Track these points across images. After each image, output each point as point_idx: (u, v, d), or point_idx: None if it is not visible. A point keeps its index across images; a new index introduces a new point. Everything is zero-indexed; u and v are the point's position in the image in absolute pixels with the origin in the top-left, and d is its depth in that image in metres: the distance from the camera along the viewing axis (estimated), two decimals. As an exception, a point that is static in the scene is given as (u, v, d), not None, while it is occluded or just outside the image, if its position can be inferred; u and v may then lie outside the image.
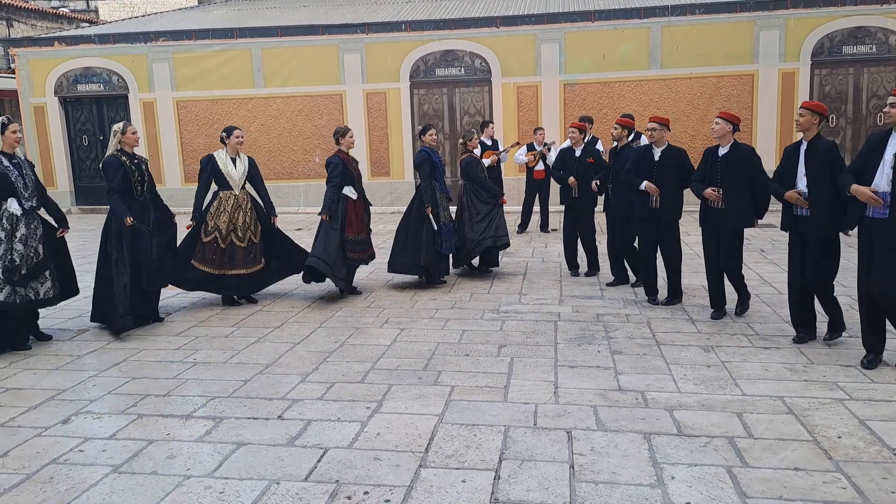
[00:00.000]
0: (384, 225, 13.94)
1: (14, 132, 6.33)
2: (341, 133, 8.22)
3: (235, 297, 8.12)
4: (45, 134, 17.30)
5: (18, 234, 6.22)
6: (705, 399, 4.96)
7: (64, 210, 17.74)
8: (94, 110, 17.30)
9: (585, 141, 9.44)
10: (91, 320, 7.19)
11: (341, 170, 8.07)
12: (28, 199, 6.34)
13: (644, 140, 9.03)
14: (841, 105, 15.07)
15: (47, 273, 6.49)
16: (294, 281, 9.08)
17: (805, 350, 5.92)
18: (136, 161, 7.11)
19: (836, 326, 6.08)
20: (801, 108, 6.02)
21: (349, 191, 8.17)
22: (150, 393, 5.34)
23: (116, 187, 6.93)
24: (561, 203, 9.28)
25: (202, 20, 18.69)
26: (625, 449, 4.23)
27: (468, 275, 9.30)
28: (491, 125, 12.52)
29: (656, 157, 7.40)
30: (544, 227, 12.77)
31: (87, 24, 22.49)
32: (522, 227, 12.86)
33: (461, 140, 9.57)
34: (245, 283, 8.03)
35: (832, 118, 15.03)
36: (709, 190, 6.70)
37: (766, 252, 10.35)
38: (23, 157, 6.52)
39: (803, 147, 5.94)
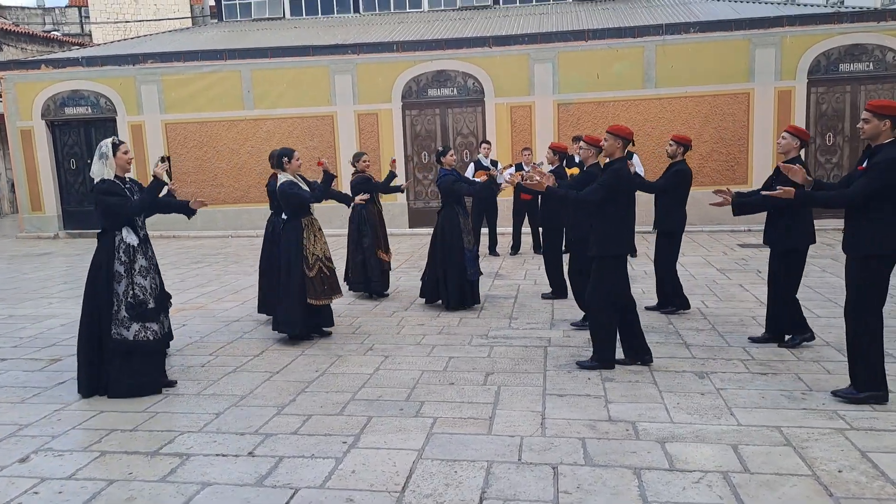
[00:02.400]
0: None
1: (126, 153, 5.73)
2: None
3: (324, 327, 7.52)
4: (32, 158, 17.12)
5: (137, 267, 5.65)
6: (699, 430, 4.71)
7: (51, 235, 17.47)
8: (81, 133, 17.13)
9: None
10: None
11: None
12: (142, 226, 5.81)
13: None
14: (838, 123, 14.91)
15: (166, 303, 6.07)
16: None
17: (803, 376, 5.68)
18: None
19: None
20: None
21: None
22: (117, 427, 5.07)
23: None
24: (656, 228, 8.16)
25: (191, 42, 18.54)
26: (613, 486, 3.97)
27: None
28: (484, 145, 12.39)
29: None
30: (537, 248, 12.55)
31: (78, 48, 22.35)
32: (515, 248, 12.67)
33: (351, 160, 9.33)
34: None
35: (829, 136, 14.89)
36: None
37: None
38: (134, 180, 5.93)
39: None
